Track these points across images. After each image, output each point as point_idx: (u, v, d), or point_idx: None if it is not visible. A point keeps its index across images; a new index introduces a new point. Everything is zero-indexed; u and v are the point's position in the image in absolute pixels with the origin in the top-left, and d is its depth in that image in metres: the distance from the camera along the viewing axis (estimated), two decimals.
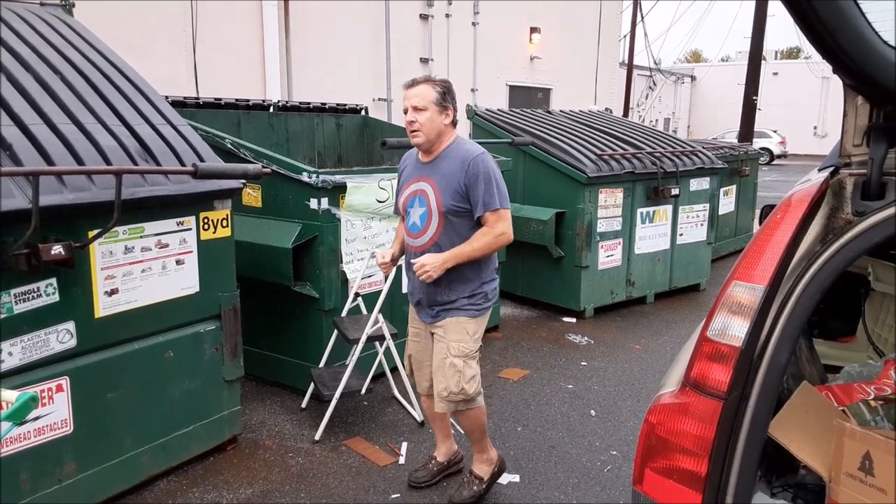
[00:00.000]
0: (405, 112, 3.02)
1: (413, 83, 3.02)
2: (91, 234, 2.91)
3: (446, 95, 3.00)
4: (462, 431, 3.38)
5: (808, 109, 36.26)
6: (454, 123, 3.07)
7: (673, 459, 1.55)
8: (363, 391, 4.10)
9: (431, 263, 2.95)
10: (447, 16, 13.79)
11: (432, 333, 3.20)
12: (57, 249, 2.70)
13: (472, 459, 3.45)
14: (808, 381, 2.10)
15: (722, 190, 8.18)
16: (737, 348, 1.48)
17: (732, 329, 1.51)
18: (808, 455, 1.71)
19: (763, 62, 15.53)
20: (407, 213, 3.15)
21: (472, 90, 14.72)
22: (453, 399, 3.10)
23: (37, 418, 2.86)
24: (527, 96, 16.44)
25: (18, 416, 1.81)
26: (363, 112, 7.00)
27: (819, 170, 1.82)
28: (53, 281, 2.86)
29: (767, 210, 3.58)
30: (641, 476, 1.61)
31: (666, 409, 1.58)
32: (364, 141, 6.87)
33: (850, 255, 1.52)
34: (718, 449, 1.49)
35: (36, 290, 2.81)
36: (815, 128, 36.80)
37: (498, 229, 2.98)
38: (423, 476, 3.53)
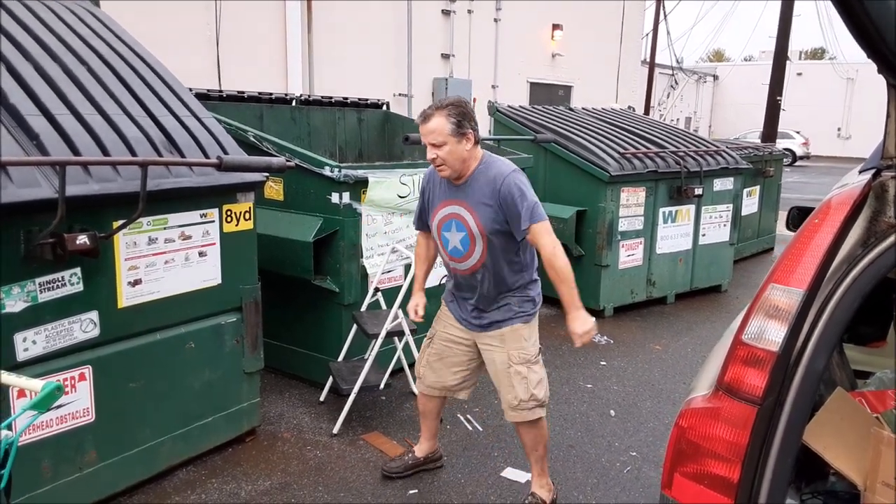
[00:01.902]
0: (425, 146, 2.92)
1: (425, 118, 2.88)
2: (116, 224, 2.92)
3: (462, 122, 2.85)
4: (525, 446, 3.27)
5: (832, 111, 35.81)
6: (478, 142, 2.96)
7: (704, 464, 1.51)
8: (381, 386, 4.09)
9: (589, 329, 2.89)
10: (469, 12, 13.75)
11: (476, 343, 3.18)
12: (82, 239, 2.71)
13: (531, 482, 3.32)
14: (839, 386, 2.06)
15: (745, 190, 8.09)
16: (773, 353, 1.45)
17: (769, 333, 1.47)
18: (843, 463, 1.67)
19: (787, 62, 15.33)
20: (443, 236, 3.09)
21: (493, 86, 14.69)
22: (524, 407, 3.05)
23: (59, 406, 2.88)
24: (548, 93, 16.38)
25: (43, 405, 1.80)
26: (385, 107, 6.98)
27: (860, 171, 1.77)
28: (78, 270, 2.87)
29: (795, 211, 3.53)
30: (671, 480, 1.58)
31: (698, 414, 1.55)
32: (385, 136, 6.85)
33: (892, 259, 1.48)
34: (752, 455, 1.46)
35: (60, 279, 2.82)
36: (838, 129, 36.35)
37: (548, 248, 2.88)
38: (397, 467, 3.54)
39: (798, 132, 30.35)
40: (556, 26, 16.16)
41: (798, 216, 3.48)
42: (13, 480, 1.84)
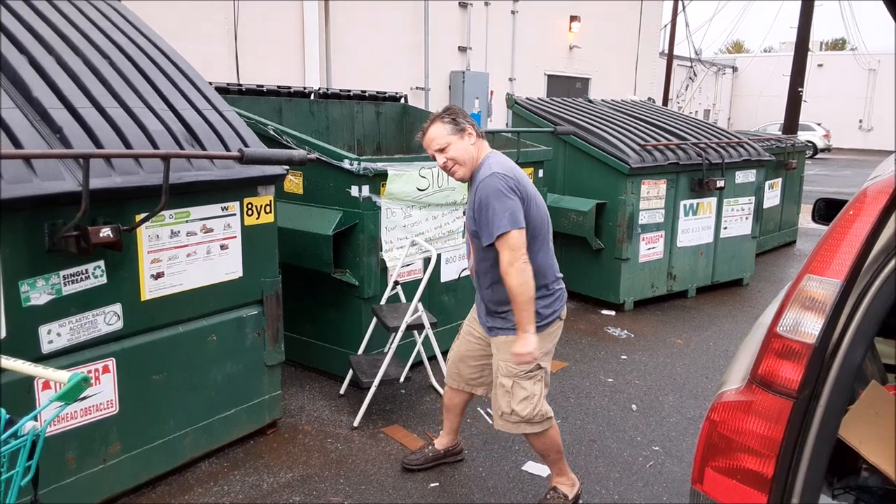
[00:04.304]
0: (433, 159, 2.99)
1: (423, 132, 2.97)
2: (138, 217, 2.93)
3: (457, 119, 2.91)
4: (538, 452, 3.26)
5: (854, 102, 35.31)
6: (480, 136, 2.97)
7: (737, 459, 1.48)
8: (402, 379, 4.08)
9: (524, 352, 2.80)
10: (486, 4, 13.69)
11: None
12: (105, 232, 2.72)
13: (551, 477, 3.30)
14: (871, 379, 2.01)
15: (767, 183, 7.98)
16: (810, 345, 1.42)
17: (805, 325, 1.44)
18: (880, 458, 1.63)
19: (808, 53, 15.09)
20: None
21: (510, 79, 14.63)
22: (507, 419, 3.01)
23: (84, 398, 2.90)
24: (565, 86, 16.28)
25: (70, 396, 1.81)
26: (402, 100, 6.96)
27: None
28: (101, 263, 2.88)
29: (822, 203, 3.47)
30: (702, 475, 1.56)
31: (730, 407, 1.52)
32: (403, 129, 6.84)
33: None
34: (786, 449, 1.43)
35: (84, 272, 2.84)
36: (860, 121, 35.83)
37: (503, 265, 2.76)
38: (417, 459, 3.55)
39: (819, 124, 29.96)
40: (573, 18, 16.04)
41: (825, 208, 3.42)
42: (40, 471, 1.85)
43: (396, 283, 4.26)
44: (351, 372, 4.23)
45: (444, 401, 3.52)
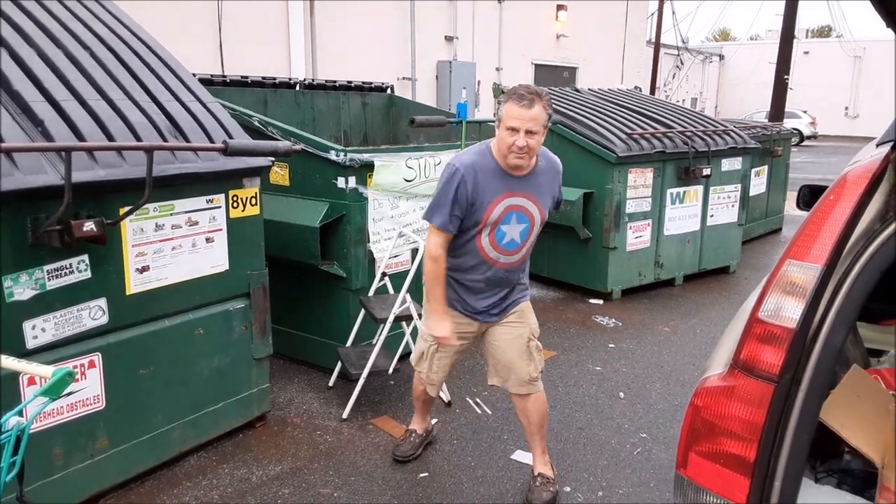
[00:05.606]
0: (513, 130, 2.73)
1: (530, 103, 2.70)
2: (122, 210, 2.91)
3: (550, 115, 2.83)
4: (526, 428, 3.25)
5: (840, 89, 35.41)
6: None
7: (720, 444, 1.50)
8: (390, 370, 4.09)
9: None
10: None
11: (493, 329, 3.19)
12: (89, 226, 2.70)
13: (534, 462, 3.28)
14: (853, 363, 2.03)
15: (753, 170, 8.02)
16: (790, 330, 1.43)
17: (786, 310, 1.45)
18: (861, 441, 1.65)
19: (794, 41, 15.14)
20: (499, 230, 2.93)
21: (497, 69, 14.61)
22: (535, 380, 3.15)
23: (69, 394, 2.88)
24: (552, 75, 16.28)
25: (55, 391, 1.80)
26: (389, 91, 6.94)
27: (877, 145, 1.74)
28: (85, 258, 2.86)
29: (806, 190, 3.49)
30: (685, 460, 1.57)
31: (713, 392, 1.53)
32: (390, 120, 6.81)
33: None
34: (768, 433, 1.44)
35: (68, 266, 2.82)
36: (846, 108, 35.97)
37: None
38: (408, 449, 3.58)
39: (805, 111, 30.08)
40: (560, 7, 16.03)
41: (809, 195, 3.45)
42: (26, 467, 1.85)
43: (384, 274, 4.26)
44: (339, 364, 4.23)
45: (420, 397, 3.51)
